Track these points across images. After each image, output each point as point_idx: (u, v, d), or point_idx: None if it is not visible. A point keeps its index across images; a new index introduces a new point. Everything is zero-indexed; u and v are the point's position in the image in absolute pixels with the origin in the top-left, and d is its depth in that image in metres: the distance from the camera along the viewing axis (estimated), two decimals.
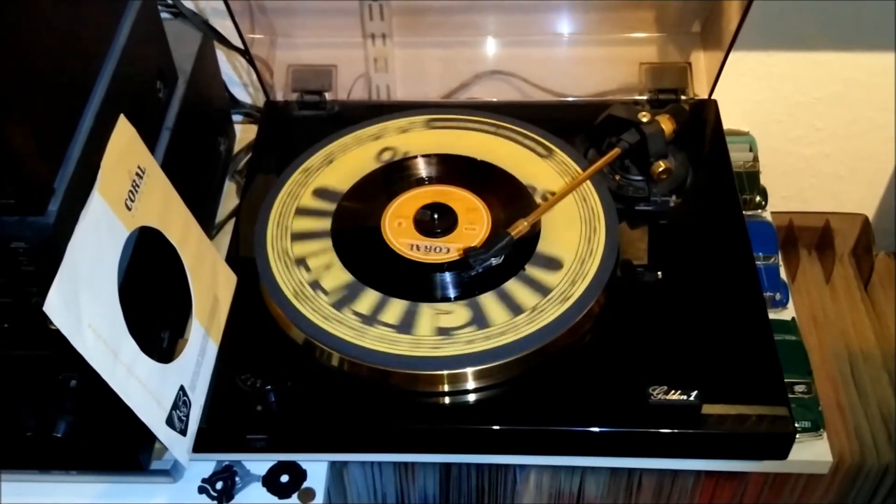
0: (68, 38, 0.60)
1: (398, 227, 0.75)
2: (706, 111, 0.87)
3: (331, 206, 0.77)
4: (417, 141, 0.83)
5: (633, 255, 0.75)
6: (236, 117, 0.99)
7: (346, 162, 0.81)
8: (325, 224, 0.76)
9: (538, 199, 0.77)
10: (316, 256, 0.73)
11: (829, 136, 1.02)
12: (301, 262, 0.73)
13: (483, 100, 0.91)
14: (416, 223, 0.75)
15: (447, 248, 0.73)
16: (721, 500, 0.81)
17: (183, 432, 0.64)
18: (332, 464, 0.72)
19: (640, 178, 0.79)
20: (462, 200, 0.77)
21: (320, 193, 0.78)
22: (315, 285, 0.71)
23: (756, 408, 0.65)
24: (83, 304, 0.54)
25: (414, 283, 0.71)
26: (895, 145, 1.02)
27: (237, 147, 0.97)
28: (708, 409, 0.65)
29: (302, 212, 0.77)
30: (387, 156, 0.82)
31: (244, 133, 0.98)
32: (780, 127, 1.01)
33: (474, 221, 0.75)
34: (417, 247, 0.73)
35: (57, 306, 0.51)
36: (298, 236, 0.75)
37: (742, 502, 0.82)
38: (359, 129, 0.84)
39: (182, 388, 0.64)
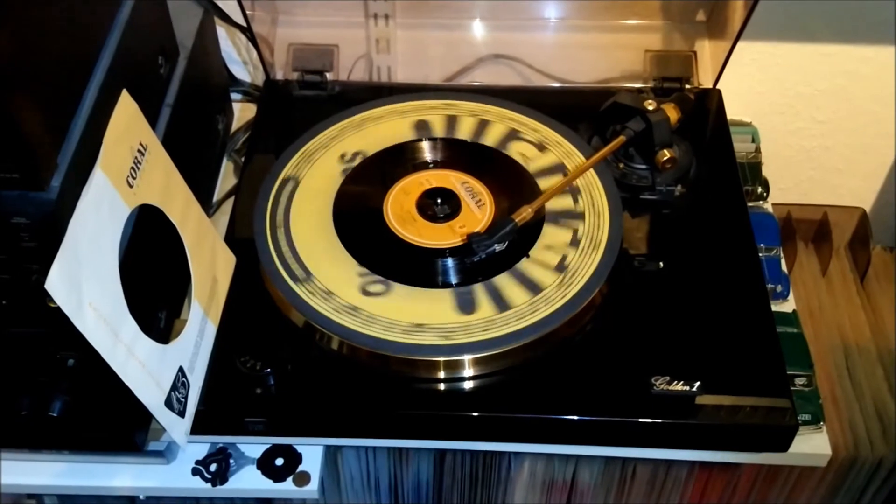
0: (71, 13, 0.59)
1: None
2: (710, 101, 0.87)
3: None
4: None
5: (637, 245, 0.75)
6: (235, 95, 0.98)
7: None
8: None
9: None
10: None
11: (830, 129, 1.02)
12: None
13: (485, 84, 0.90)
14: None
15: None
16: (714, 490, 0.81)
17: (181, 414, 0.63)
18: (327, 448, 0.72)
19: (644, 166, 0.78)
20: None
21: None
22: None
23: (758, 399, 0.65)
24: (84, 282, 0.53)
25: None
26: (895, 139, 1.02)
27: (235, 125, 0.96)
28: (710, 399, 0.65)
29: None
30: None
31: (242, 112, 0.97)
32: (782, 118, 1.01)
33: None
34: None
35: (58, 284, 0.50)
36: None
37: (735, 493, 0.82)
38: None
39: (181, 370, 0.64)
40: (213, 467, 0.69)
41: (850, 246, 0.94)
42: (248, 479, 0.69)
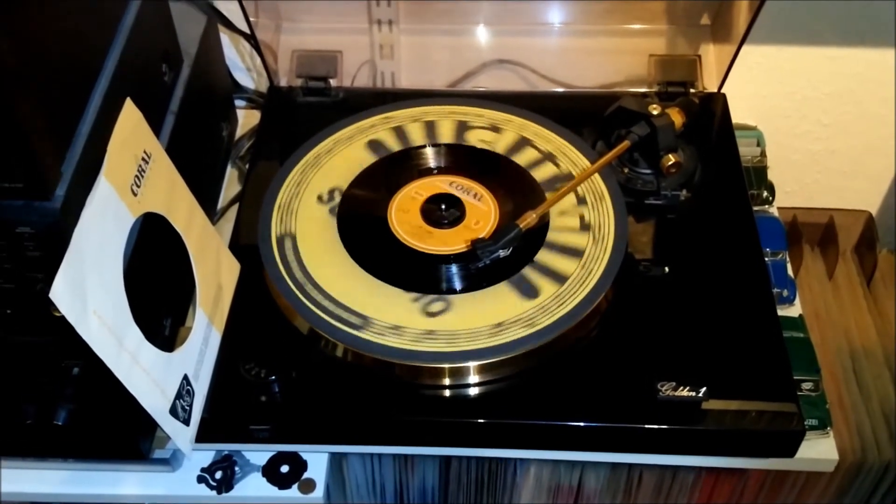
0: (75, 21, 0.59)
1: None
2: (715, 105, 0.87)
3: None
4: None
5: (642, 250, 0.74)
6: (239, 102, 0.98)
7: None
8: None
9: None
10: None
11: (835, 133, 1.02)
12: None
13: (489, 89, 0.90)
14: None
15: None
16: (721, 496, 0.81)
17: (186, 422, 0.63)
18: (333, 455, 0.72)
19: (648, 171, 0.78)
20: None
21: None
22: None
23: (765, 405, 0.65)
24: (89, 290, 0.53)
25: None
26: None
27: (239, 132, 0.96)
28: (716, 405, 0.65)
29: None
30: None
31: (246, 118, 0.97)
32: (787, 122, 1.01)
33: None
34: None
35: (63, 293, 0.50)
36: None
37: (742, 498, 0.82)
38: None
39: (186, 377, 0.64)
40: (218, 475, 0.69)
41: (856, 249, 0.94)
42: (253, 487, 0.69)
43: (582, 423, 0.65)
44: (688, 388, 0.65)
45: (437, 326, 0.67)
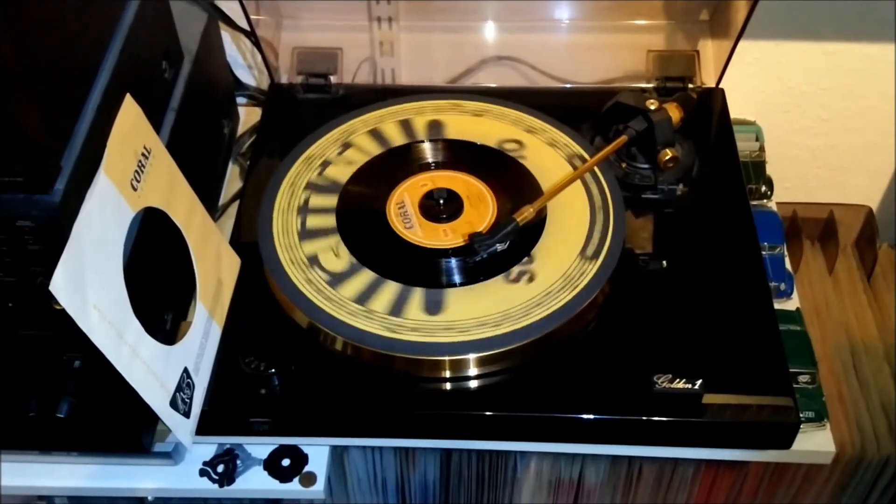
0: (76, 16, 0.60)
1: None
2: (713, 100, 0.87)
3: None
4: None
5: (639, 244, 0.75)
6: (240, 99, 0.98)
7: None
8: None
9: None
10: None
11: (835, 127, 1.02)
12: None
13: (488, 85, 0.91)
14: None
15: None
16: (721, 489, 0.81)
17: (186, 415, 0.64)
18: (333, 448, 0.72)
19: (646, 166, 0.79)
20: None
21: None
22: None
23: (760, 397, 0.65)
24: (88, 284, 0.53)
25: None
26: None
27: (240, 129, 0.96)
28: (712, 397, 0.65)
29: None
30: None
31: (247, 115, 0.98)
32: (787, 117, 1.01)
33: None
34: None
35: (62, 286, 0.51)
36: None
37: (742, 492, 0.82)
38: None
39: (186, 371, 0.64)
40: (220, 468, 0.70)
41: (856, 244, 0.94)
42: (254, 480, 0.69)
43: (580, 416, 0.65)
44: (684, 380, 0.65)
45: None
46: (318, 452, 0.71)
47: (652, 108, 0.77)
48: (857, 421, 0.79)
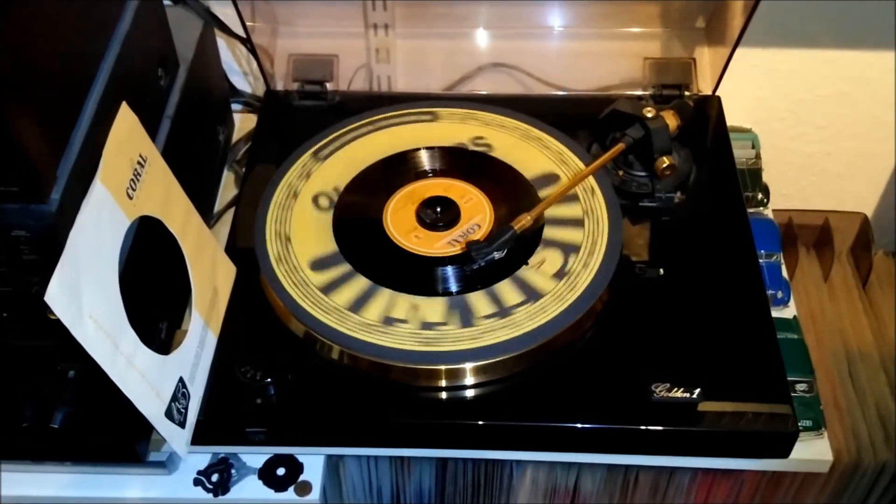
0: (71, 24, 0.59)
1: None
2: (710, 107, 0.87)
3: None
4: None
5: (637, 252, 0.75)
6: (235, 106, 0.98)
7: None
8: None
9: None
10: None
11: (831, 135, 1.02)
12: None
13: (485, 93, 0.91)
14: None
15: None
16: (717, 497, 0.81)
17: (182, 424, 0.64)
18: (329, 457, 0.72)
19: (643, 173, 0.79)
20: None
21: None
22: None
23: (758, 406, 0.65)
24: (84, 293, 0.53)
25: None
26: (895, 144, 1.02)
27: (236, 136, 0.96)
28: (710, 406, 0.65)
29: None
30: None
31: (243, 122, 0.98)
32: (783, 124, 1.01)
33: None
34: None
35: (58, 296, 0.50)
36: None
37: (738, 500, 0.82)
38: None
39: (181, 380, 0.64)
40: (214, 477, 0.69)
41: (851, 251, 0.94)
42: (249, 490, 0.69)
43: (577, 425, 0.65)
44: (682, 389, 0.65)
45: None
46: (313, 461, 0.70)
47: (649, 115, 0.77)
48: (853, 428, 0.79)
